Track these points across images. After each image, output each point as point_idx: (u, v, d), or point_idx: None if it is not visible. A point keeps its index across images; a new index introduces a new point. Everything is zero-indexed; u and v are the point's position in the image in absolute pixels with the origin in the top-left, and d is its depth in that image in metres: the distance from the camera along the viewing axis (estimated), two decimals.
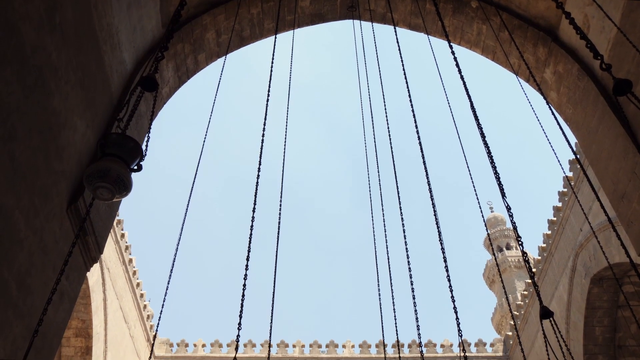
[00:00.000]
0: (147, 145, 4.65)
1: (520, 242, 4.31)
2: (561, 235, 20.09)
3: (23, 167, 6.21)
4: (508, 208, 4.24)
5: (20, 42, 5.94)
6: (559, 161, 8.24)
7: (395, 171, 8.19)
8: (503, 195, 4.32)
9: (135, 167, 4.15)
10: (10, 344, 6.12)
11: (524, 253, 4.26)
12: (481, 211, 7.77)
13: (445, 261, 4.81)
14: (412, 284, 5.76)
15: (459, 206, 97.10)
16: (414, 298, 5.60)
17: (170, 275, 7.26)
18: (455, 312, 4.41)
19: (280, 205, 7.39)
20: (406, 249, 6.37)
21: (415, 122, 6.28)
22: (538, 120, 8.17)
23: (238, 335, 4.69)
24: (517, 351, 24.78)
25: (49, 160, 6.74)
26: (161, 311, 6.89)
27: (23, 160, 6.19)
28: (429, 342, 26.20)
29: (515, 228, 4.24)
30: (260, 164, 6.21)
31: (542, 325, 4.47)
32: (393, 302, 7.36)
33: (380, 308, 8.16)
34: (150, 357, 8.82)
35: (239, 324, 4.59)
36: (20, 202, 6.19)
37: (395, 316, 7.40)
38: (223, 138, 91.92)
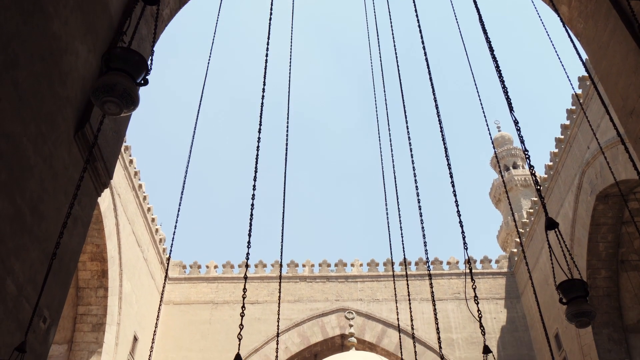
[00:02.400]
0: (150, 63, 4.59)
1: (527, 156, 4.32)
2: (568, 153, 20.09)
3: (27, 94, 6.19)
4: (515, 122, 4.21)
5: None
6: (568, 78, 8.13)
7: (402, 92, 8.11)
8: (511, 109, 4.29)
9: (142, 82, 4.12)
10: (29, 268, 6.32)
11: (530, 166, 4.28)
12: (489, 130, 7.75)
13: (451, 177, 4.84)
14: (419, 202, 5.83)
15: (467, 127, 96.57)
16: (420, 216, 5.68)
17: (180, 199, 7.38)
18: (461, 226, 4.48)
19: (287, 126, 7.39)
20: (413, 167, 6.41)
21: (422, 36, 6.16)
22: (548, 35, 8.00)
23: (248, 254, 4.81)
24: (522, 267, 25.35)
25: (53, 87, 6.70)
26: (174, 233, 7.04)
27: (27, 87, 6.16)
28: (435, 260, 26.78)
29: (522, 141, 4.22)
30: (264, 84, 6.16)
31: (547, 236, 4.55)
32: (400, 221, 7.48)
33: (388, 227, 8.29)
34: (165, 279, 9.10)
35: (249, 242, 4.69)
36: (27, 129, 6.21)
37: (402, 234, 7.54)
38: (228, 61, 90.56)
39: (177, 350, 24.10)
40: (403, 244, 7.79)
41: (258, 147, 5.65)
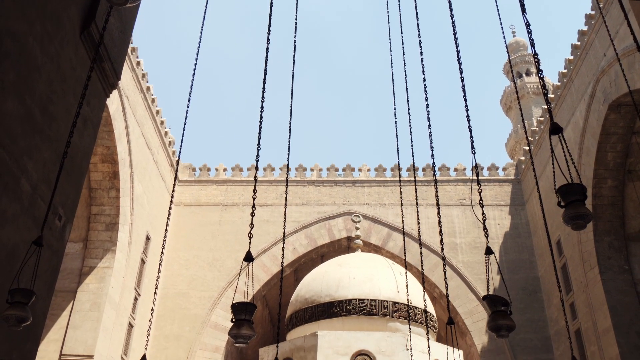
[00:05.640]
0: None
1: (536, 59, 4.24)
2: (583, 61, 19.64)
3: None
4: (527, 24, 4.08)
5: None
6: None
7: None
8: (523, 10, 4.15)
9: None
10: (42, 167, 6.44)
11: (539, 70, 4.20)
12: (503, 35, 7.53)
13: (462, 80, 4.77)
14: (427, 107, 5.78)
15: (481, 33, 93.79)
16: (429, 121, 5.65)
17: (188, 102, 7.36)
18: (470, 130, 4.47)
19: (296, 27, 7.22)
20: (423, 72, 6.31)
21: None
22: None
23: (258, 155, 4.85)
24: (529, 175, 25.51)
25: None
26: (182, 135, 7.08)
27: None
28: (442, 166, 26.94)
29: (532, 44, 4.12)
30: None
31: (550, 141, 4.54)
32: (410, 126, 7.45)
33: (396, 132, 8.28)
34: (174, 181, 9.25)
35: (258, 144, 4.72)
36: (32, 28, 6.12)
37: (411, 139, 7.53)
38: None
39: (188, 249, 24.90)
40: (412, 149, 7.80)
41: (267, 48, 5.56)
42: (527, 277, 23.93)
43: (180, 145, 7.57)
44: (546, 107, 24.13)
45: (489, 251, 5.28)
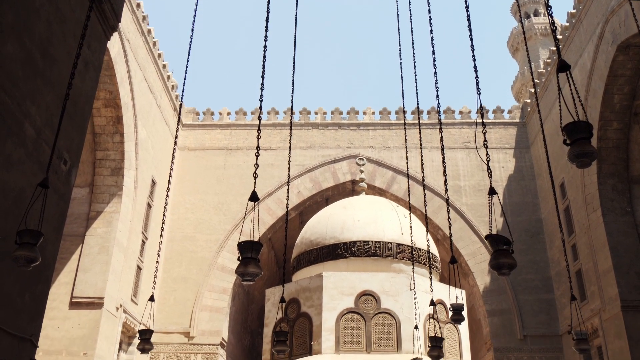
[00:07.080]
0: None
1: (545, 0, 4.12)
2: (593, 1, 19.17)
3: None
4: None
5: None
6: None
7: None
8: None
9: None
10: (45, 111, 6.43)
11: (548, 6, 4.10)
12: None
13: (468, 20, 4.66)
14: (432, 47, 5.68)
15: None
16: (434, 61, 5.57)
17: (190, 44, 7.25)
18: (475, 71, 4.41)
19: None
20: (429, 10, 6.16)
21: None
22: None
23: (261, 96, 4.81)
24: (534, 118, 25.31)
25: None
26: (185, 78, 7.01)
27: None
28: (447, 109, 26.73)
29: None
30: None
31: (557, 78, 4.49)
32: (414, 66, 7.35)
33: (401, 74, 8.18)
34: (177, 124, 9.24)
35: (262, 87, 4.66)
36: None
37: (416, 80, 7.44)
38: None
39: (194, 193, 25.09)
40: (417, 91, 7.73)
41: None
42: (530, 219, 24.12)
43: (183, 89, 7.52)
44: (553, 48, 23.72)
45: (492, 191, 5.31)
